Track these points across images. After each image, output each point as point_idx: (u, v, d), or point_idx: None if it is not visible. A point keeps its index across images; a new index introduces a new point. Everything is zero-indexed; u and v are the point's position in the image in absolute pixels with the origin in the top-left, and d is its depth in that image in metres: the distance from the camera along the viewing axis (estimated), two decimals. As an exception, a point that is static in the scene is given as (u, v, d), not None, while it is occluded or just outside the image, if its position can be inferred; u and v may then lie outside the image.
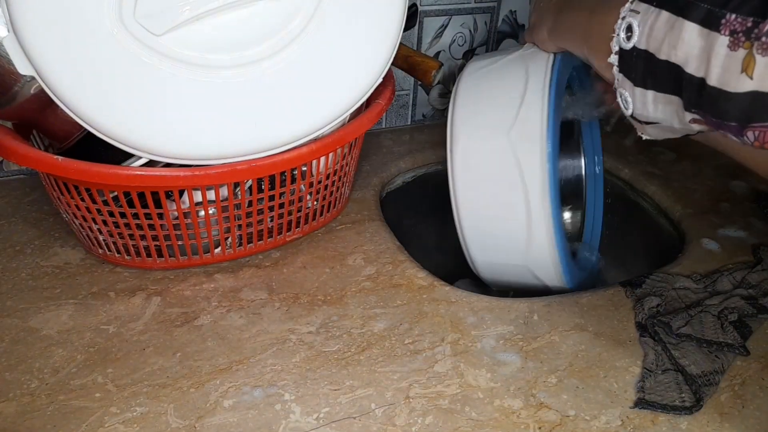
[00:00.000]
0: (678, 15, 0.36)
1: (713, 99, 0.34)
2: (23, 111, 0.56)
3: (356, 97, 0.59)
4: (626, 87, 0.42)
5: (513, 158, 0.56)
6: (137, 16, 0.48)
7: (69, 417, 0.47)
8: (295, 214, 0.65)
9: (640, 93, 0.41)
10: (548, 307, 0.60)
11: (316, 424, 0.48)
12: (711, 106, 0.35)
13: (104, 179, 0.52)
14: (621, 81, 0.43)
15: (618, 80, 0.43)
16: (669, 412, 0.49)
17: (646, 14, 0.39)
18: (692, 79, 0.36)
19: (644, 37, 0.39)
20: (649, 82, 0.40)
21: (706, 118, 0.37)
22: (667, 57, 0.37)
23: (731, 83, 0.33)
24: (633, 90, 0.42)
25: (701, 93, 0.35)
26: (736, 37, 0.32)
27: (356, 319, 0.58)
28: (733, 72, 0.33)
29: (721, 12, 0.33)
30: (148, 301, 0.59)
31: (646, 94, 0.41)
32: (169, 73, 0.50)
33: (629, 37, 0.40)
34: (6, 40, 0.47)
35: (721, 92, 0.34)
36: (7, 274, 0.61)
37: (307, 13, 0.53)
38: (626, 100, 0.43)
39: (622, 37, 0.41)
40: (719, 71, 0.34)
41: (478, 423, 0.48)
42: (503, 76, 0.60)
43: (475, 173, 0.60)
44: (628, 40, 0.40)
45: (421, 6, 0.83)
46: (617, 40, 0.42)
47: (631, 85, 0.42)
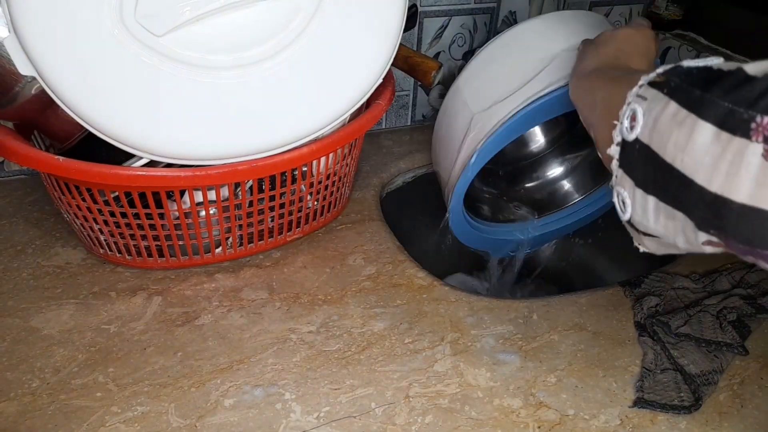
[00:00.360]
0: (690, 110, 0.29)
1: (744, 220, 0.27)
2: (24, 111, 0.56)
3: (356, 97, 0.59)
4: (626, 186, 0.35)
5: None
6: (138, 16, 0.48)
7: (70, 416, 0.47)
8: (296, 214, 0.65)
9: (640, 196, 0.34)
10: (547, 306, 0.60)
11: (317, 423, 0.48)
12: (740, 229, 0.28)
13: (105, 179, 0.52)
14: (620, 178, 0.36)
15: (617, 176, 0.36)
16: (668, 412, 0.50)
17: (653, 102, 0.32)
18: (704, 194, 0.29)
19: (648, 128, 0.32)
20: (651, 186, 0.33)
21: (730, 242, 0.30)
22: (672, 161, 0.30)
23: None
24: (633, 191, 0.35)
25: (721, 212, 0.28)
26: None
27: (356, 318, 0.58)
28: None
29: (748, 114, 0.27)
30: (149, 301, 0.59)
31: (647, 200, 0.34)
32: (170, 73, 0.50)
33: (633, 126, 0.33)
34: (7, 40, 0.48)
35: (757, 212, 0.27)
36: (8, 273, 0.61)
37: (307, 14, 0.54)
38: (623, 202, 0.36)
39: (625, 125, 0.34)
40: (752, 186, 0.27)
41: (477, 422, 0.48)
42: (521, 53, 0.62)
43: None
44: (631, 130, 0.33)
45: (421, 7, 0.83)
46: (620, 129, 0.35)
47: (632, 184, 0.34)
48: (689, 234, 0.32)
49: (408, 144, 0.89)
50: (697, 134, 0.29)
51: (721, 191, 0.28)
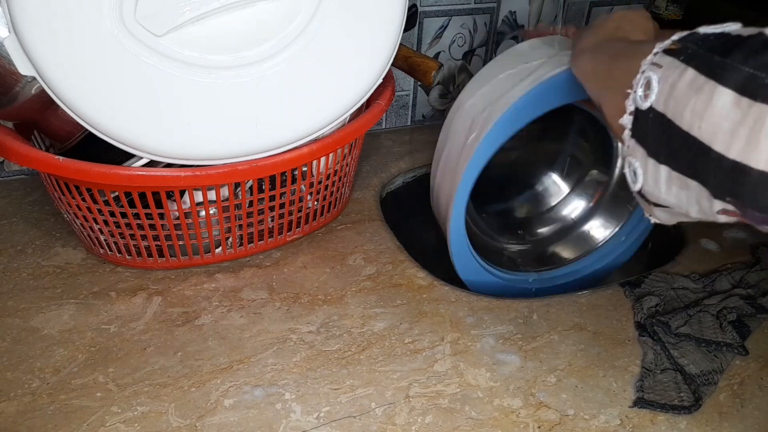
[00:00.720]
0: (708, 76, 0.29)
1: (763, 187, 0.27)
2: (24, 111, 0.56)
3: (356, 97, 0.59)
4: (637, 156, 0.35)
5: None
6: (138, 16, 0.48)
7: (70, 416, 0.47)
8: (296, 214, 0.65)
9: (652, 166, 0.34)
10: (547, 306, 0.60)
11: (317, 423, 0.48)
12: (758, 197, 0.28)
13: (105, 179, 0.52)
14: (632, 148, 0.35)
15: (629, 146, 0.35)
16: (668, 412, 0.50)
17: (669, 69, 0.32)
18: (722, 161, 0.29)
19: (663, 96, 0.32)
20: (663, 155, 0.33)
21: (746, 210, 0.29)
22: (689, 128, 0.30)
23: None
24: (645, 161, 0.34)
25: (740, 180, 0.28)
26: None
27: (356, 318, 0.58)
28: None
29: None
30: (149, 301, 0.59)
31: (659, 169, 0.33)
32: (170, 73, 0.50)
33: (647, 95, 0.33)
34: (7, 40, 0.48)
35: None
36: (8, 274, 0.61)
37: (307, 14, 0.54)
38: (635, 173, 0.36)
39: (639, 94, 0.34)
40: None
41: (477, 422, 0.48)
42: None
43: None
44: (645, 98, 0.33)
45: (421, 7, 0.83)
46: (633, 98, 0.34)
47: (644, 153, 0.34)
48: (704, 203, 0.32)
49: (408, 144, 0.89)
50: (716, 100, 0.28)
51: (740, 158, 0.28)
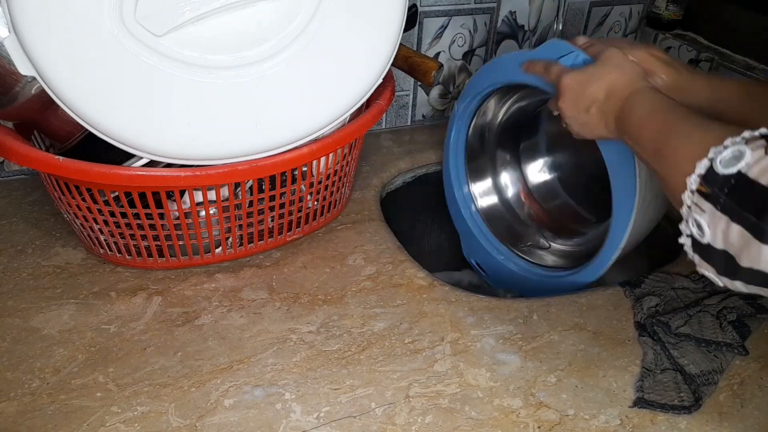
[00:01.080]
0: (752, 235, 0.34)
1: None
2: (24, 111, 0.56)
3: (356, 97, 0.59)
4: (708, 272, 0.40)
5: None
6: (138, 16, 0.48)
7: (70, 416, 0.47)
8: (296, 214, 0.65)
9: (727, 281, 0.39)
10: (547, 306, 0.60)
11: (317, 423, 0.48)
12: None
13: (105, 179, 0.52)
14: (699, 262, 0.40)
15: (695, 260, 0.40)
16: (668, 412, 0.50)
17: (714, 217, 0.37)
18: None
19: (719, 241, 0.37)
20: (737, 276, 0.37)
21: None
22: (750, 266, 0.35)
23: None
24: (719, 277, 0.39)
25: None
26: None
27: (356, 318, 0.58)
28: None
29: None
30: (149, 301, 0.59)
31: (734, 283, 0.38)
32: (170, 73, 0.50)
33: (701, 234, 0.38)
34: (7, 40, 0.48)
35: None
36: (8, 274, 0.61)
37: (307, 14, 0.54)
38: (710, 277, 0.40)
39: (694, 231, 0.39)
40: None
41: (477, 422, 0.48)
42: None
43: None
44: (701, 235, 0.38)
45: (421, 7, 0.83)
46: (687, 228, 0.39)
47: (716, 273, 0.39)
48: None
49: (408, 144, 0.89)
50: (764, 254, 0.34)
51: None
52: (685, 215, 0.39)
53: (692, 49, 0.92)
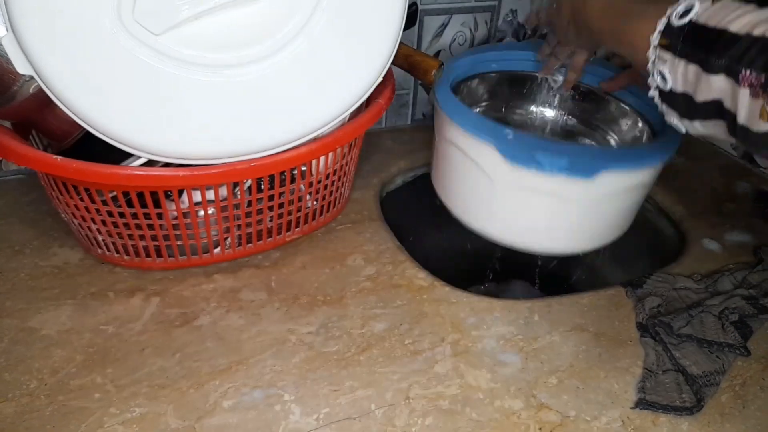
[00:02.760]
0: (703, 69, 0.41)
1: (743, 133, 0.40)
2: (22, 110, 0.55)
3: (356, 96, 0.58)
4: (673, 118, 0.46)
5: None
6: (136, 15, 0.48)
7: (68, 417, 0.47)
8: (295, 214, 0.65)
9: (687, 123, 0.45)
10: (549, 307, 0.60)
11: (316, 424, 0.47)
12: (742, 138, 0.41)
13: (103, 179, 0.52)
14: (667, 111, 0.46)
15: (663, 110, 0.47)
16: (670, 413, 0.49)
17: (673, 64, 0.43)
18: (729, 112, 0.41)
19: (679, 84, 0.43)
20: (694, 115, 0.44)
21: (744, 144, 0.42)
22: (705, 98, 0.42)
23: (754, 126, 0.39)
24: (681, 120, 0.46)
25: (734, 126, 0.40)
26: (754, 89, 0.38)
27: (356, 319, 0.58)
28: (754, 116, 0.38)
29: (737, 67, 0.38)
30: (147, 302, 0.58)
31: (693, 123, 0.45)
32: (168, 72, 0.50)
33: (665, 82, 0.44)
34: (5, 39, 0.47)
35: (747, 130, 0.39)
36: (6, 274, 0.61)
37: (306, 13, 0.53)
38: (675, 124, 0.47)
39: (658, 81, 0.45)
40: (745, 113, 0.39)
41: (478, 424, 0.48)
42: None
43: None
44: (664, 83, 0.44)
45: (421, 5, 0.83)
46: (653, 82, 0.45)
47: (678, 116, 0.46)
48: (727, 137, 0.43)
49: (408, 143, 0.89)
50: (713, 82, 0.41)
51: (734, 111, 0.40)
52: (651, 69, 0.45)
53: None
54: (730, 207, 0.77)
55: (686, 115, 0.45)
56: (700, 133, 0.45)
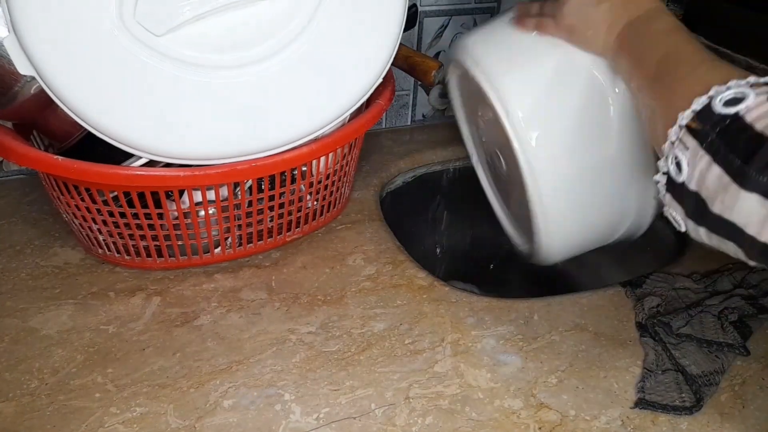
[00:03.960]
0: (733, 179, 0.33)
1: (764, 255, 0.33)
2: (23, 111, 0.56)
3: (356, 97, 0.59)
4: (675, 213, 0.39)
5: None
6: (137, 16, 0.48)
7: (69, 417, 0.47)
8: (295, 214, 0.65)
9: (692, 225, 0.38)
10: (548, 307, 0.60)
11: (316, 424, 0.48)
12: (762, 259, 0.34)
13: (104, 179, 0.52)
14: (670, 203, 0.39)
15: (665, 200, 0.39)
16: (669, 412, 0.49)
17: (695, 156, 0.35)
18: (755, 242, 0.33)
19: (694, 181, 0.36)
20: (703, 223, 0.36)
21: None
22: (721, 213, 0.34)
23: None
24: (684, 219, 0.38)
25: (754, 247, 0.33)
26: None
27: (356, 319, 0.58)
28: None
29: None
30: (147, 301, 0.59)
31: (698, 229, 0.37)
32: (170, 73, 0.50)
33: (678, 172, 0.37)
34: (6, 40, 0.47)
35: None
36: (6, 274, 0.61)
37: (307, 13, 0.53)
38: (676, 220, 0.39)
39: (671, 168, 0.38)
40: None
41: (478, 423, 0.48)
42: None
43: None
44: (678, 173, 0.37)
45: (421, 6, 0.83)
46: (664, 166, 0.38)
47: (683, 214, 0.38)
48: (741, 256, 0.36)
49: (408, 144, 0.89)
50: (743, 201, 0.33)
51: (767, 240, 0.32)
52: (666, 151, 0.38)
53: (693, 48, 0.91)
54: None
55: (693, 218, 0.37)
56: (703, 241, 0.38)
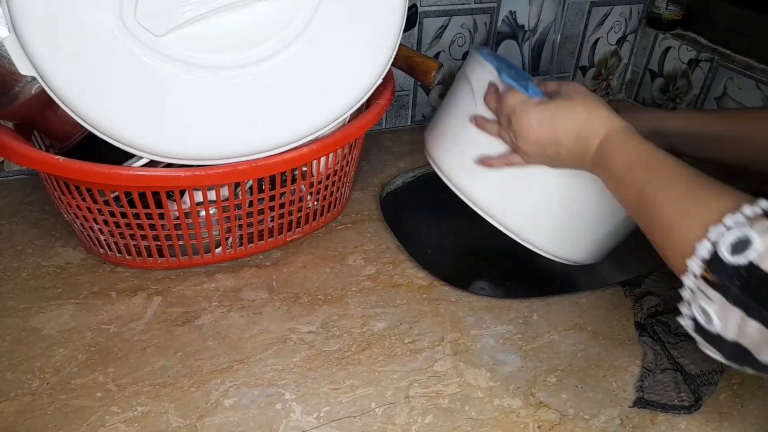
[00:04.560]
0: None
1: None
2: (24, 111, 0.56)
3: (356, 97, 0.59)
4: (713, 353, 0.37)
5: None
6: (138, 16, 0.48)
7: (70, 416, 0.47)
8: (296, 214, 0.65)
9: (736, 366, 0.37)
10: (547, 306, 0.60)
11: (317, 423, 0.48)
12: None
13: (105, 179, 0.52)
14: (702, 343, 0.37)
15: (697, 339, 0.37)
16: (668, 412, 0.50)
17: (725, 310, 0.34)
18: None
19: (731, 333, 0.34)
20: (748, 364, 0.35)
21: None
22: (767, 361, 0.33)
23: None
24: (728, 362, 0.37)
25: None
26: None
27: (356, 318, 0.58)
28: None
29: None
30: (149, 301, 0.59)
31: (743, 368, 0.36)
32: (170, 73, 0.50)
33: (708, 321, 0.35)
34: (7, 40, 0.47)
35: None
36: (8, 274, 0.61)
37: (307, 14, 0.54)
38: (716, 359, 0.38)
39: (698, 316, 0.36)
40: None
41: (477, 422, 0.48)
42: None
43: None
44: (708, 322, 0.35)
45: (421, 7, 0.83)
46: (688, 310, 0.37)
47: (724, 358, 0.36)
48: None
49: (408, 144, 0.89)
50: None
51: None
52: (688, 298, 0.36)
53: (692, 49, 0.92)
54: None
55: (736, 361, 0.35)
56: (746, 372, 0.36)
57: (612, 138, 0.45)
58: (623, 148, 0.44)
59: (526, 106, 0.49)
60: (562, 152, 0.48)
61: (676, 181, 0.39)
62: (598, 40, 0.99)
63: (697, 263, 0.35)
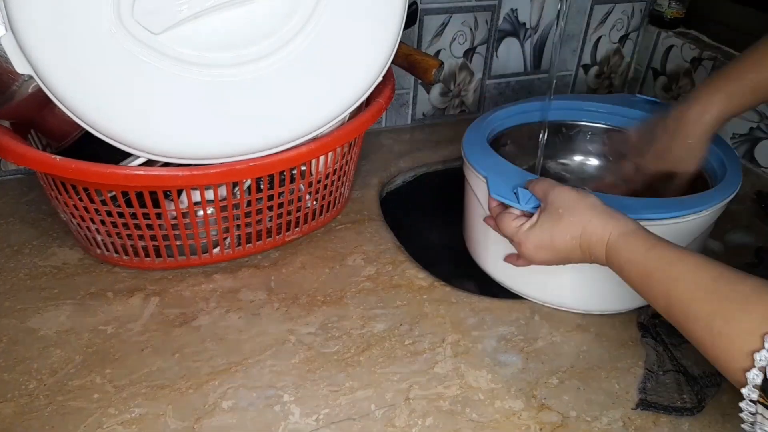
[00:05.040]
0: None
1: None
2: (21, 110, 0.55)
3: (356, 95, 0.58)
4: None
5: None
6: (135, 14, 0.48)
7: (67, 418, 0.47)
8: (295, 213, 0.65)
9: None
10: (549, 307, 0.60)
11: (316, 425, 0.47)
12: None
13: (102, 179, 0.52)
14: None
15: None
16: (671, 413, 0.49)
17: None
18: None
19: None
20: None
21: None
22: None
23: None
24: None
25: None
26: None
27: (356, 319, 0.57)
28: None
29: None
30: (146, 302, 0.58)
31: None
32: (168, 71, 0.50)
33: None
34: (4, 38, 0.47)
35: None
36: (4, 274, 0.61)
37: (305, 12, 0.53)
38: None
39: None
40: None
41: (478, 424, 0.48)
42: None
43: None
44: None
45: (421, 4, 0.83)
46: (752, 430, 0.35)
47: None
48: None
49: (408, 143, 0.89)
50: None
51: None
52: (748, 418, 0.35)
53: (695, 47, 0.91)
54: (732, 207, 0.77)
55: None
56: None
57: (617, 248, 0.44)
58: (632, 256, 0.43)
59: (520, 235, 0.50)
60: (575, 260, 0.49)
61: (705, 288, 0.39)
62: (600, 38, 0.98)
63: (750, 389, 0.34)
